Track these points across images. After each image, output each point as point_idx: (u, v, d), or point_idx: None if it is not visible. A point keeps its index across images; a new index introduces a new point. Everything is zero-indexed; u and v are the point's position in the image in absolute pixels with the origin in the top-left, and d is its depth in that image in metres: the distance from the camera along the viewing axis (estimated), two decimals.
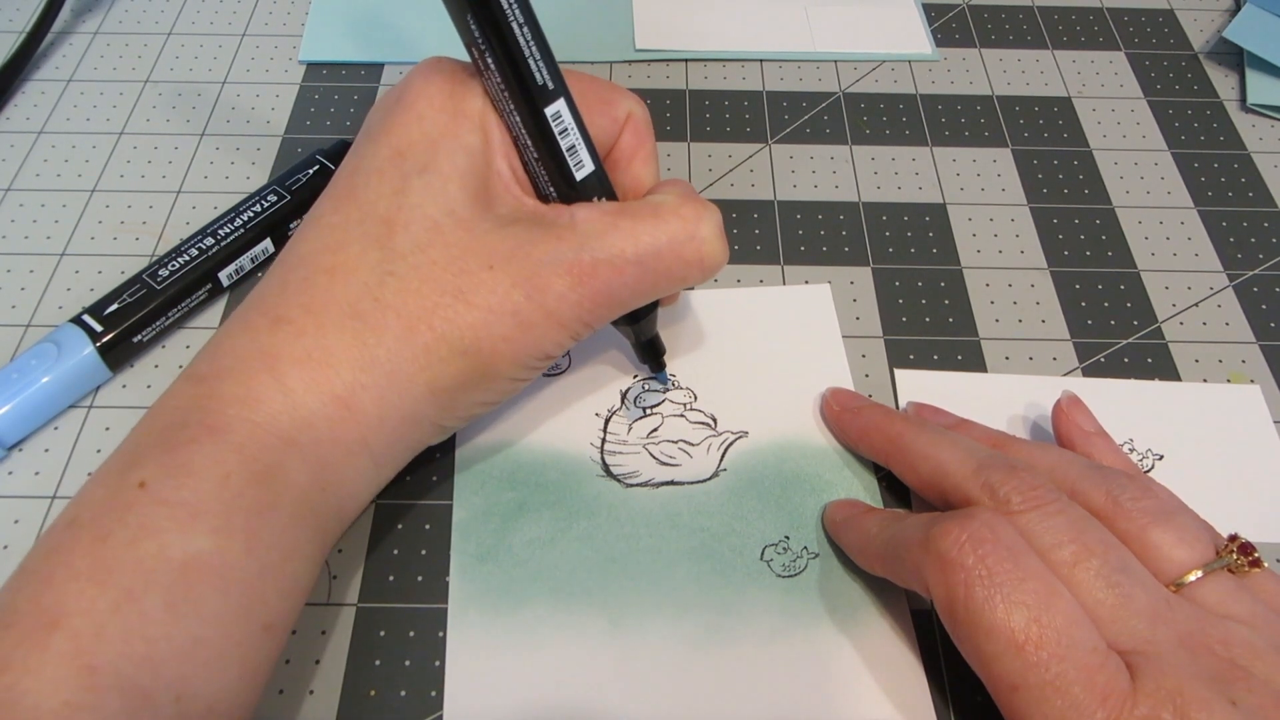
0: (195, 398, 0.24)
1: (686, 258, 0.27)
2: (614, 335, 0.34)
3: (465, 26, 0.25)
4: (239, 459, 0.23)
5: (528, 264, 0.26)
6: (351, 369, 0.25)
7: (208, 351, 0.26)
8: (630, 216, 0.27)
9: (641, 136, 0.30)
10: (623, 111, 0.29)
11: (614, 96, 0.29)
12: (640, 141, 0.30)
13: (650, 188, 0.30)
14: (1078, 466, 0.28)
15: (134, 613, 0.21)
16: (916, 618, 0.29)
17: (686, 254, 0.27)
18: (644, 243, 0.27)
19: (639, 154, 0.30)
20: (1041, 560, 0.24)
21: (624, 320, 0.31)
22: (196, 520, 0.22)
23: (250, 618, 0.23)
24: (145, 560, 0.21)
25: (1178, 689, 0.22)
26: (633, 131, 0.30)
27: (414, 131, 0.27)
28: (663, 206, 0.27)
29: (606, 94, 0.29)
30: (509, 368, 0.27)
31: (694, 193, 0.29)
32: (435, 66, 0.28)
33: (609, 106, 0.29)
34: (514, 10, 0.25)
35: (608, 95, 0.29)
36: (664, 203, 0.28)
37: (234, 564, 0.22)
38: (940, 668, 0.29)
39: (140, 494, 0.22)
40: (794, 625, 0.29)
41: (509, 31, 0.25)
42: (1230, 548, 0.26)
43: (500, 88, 0.26)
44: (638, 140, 0.30)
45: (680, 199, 0.28)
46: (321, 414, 0.25)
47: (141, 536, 0.22)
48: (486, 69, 0.26)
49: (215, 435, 0.23)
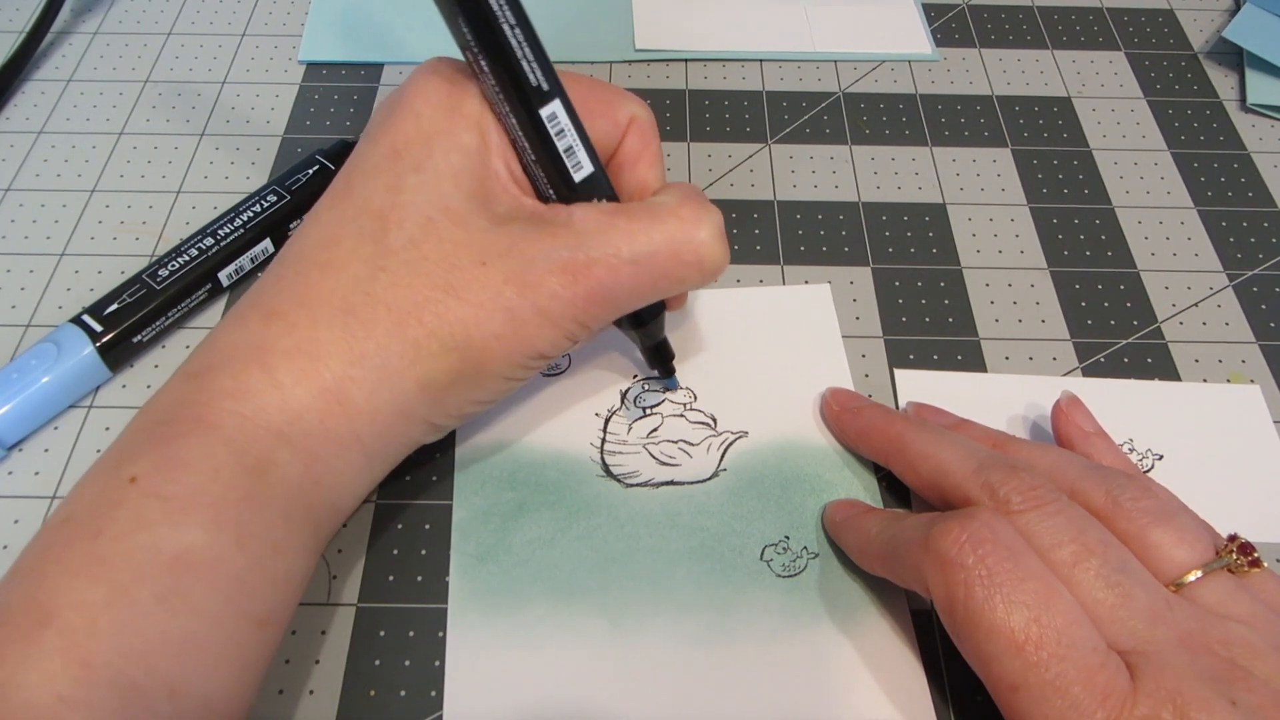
0: (187, 392, 0.25)
1: (684, 259, 0.27)
2: (613, 334, 0.34)
3: (458, 29, 0.25)
4: (229, 452, 0.23)
5: (521, 261, 0.26)
6: (341, 362, 0.25)
7: (203, 347, 0.26)
8: (628, 217, 0.27)
9: (646, 139, 0.30)
10: (625, 115, 0.29)
11: (616, 99, 0.29)
12: (644, 145, 0.30)
13: (655, 192, 0.30)
14: (1077, 466, 0.28)
15: (126, 607, 0.21)
16: (916, 618, 0.29)
17: (684, 256, 0.27)
18: (640, 243, 0.27)
19: (643, 157, 0.30)
20: (1041, 560, 0.24)
21: (630, 324, 0.31)
22: (188, 514, 0.22)
23: (243, 612, 0.23)
24: (137, 554, 0.21)
25: (1177, 689, 0.22)
26: (637, 134, 0.30)
27: (410, 130, 0.27)
28: (662, 208, 0.27)
29: (608, 97, 0.29)
30: (501, 366, 0.27)
31: (698, 195, 0.28)
32: (434, 67, 0.28)
33: (610, 109, 0.29)
34: (505, 12, 0.25)
35: (609, 98, 0.29)
36: (663, 204, 0.27)
37: (226, 557, 0.22)
38: (940, 668, 0.29)
39: (132, 489, 0.22)
40: (794, 625, 0.29)
41: (501, 34, 0.25)
42: (1230, 548, 0.26)
43: (495, 89, 0.26)
44: (642, 143, 0.30)
45: (680, 200, 0.28)
46: (312, 407, 0.25)
47: (133, 530, 0.22)
48: (481, 71, 0.26)
49: (206, 429, 0.23)
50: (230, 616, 0.22)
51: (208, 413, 0.24)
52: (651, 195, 0.29)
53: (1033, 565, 0.24)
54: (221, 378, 0.24)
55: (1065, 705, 0.22)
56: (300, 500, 0.25)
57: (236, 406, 0.24)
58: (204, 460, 0.23)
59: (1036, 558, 0.24)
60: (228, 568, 0.22)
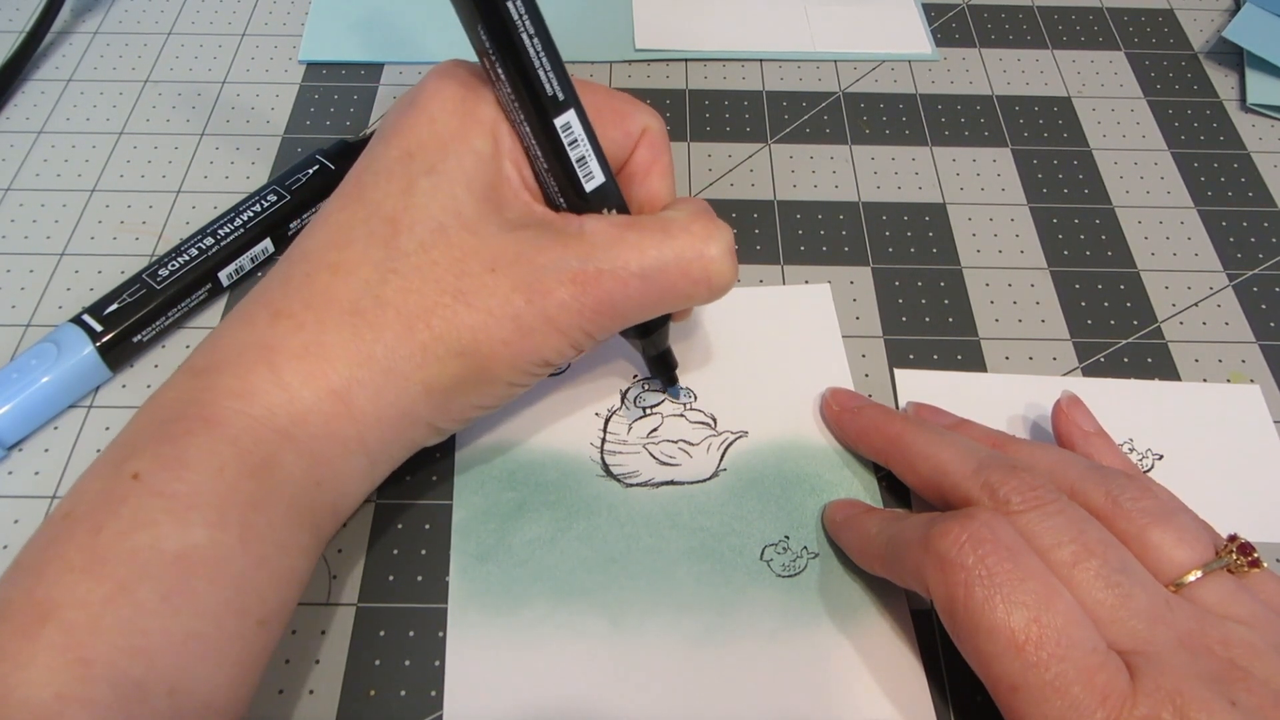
0: (192, 390, 0.24)
1: (693, 276, 0.27)
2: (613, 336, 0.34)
3: (476, 35, 0.25)
4: (234, 451, 0.23)
5: (531, 269, 0.26)
6: (348, 364, 0.25)
7: (207, 344, 0.26)
8: (639, 230, 0.27)
9: (657, 151, 0.30)
10: (638, 125, 0.29)
11: (629, 110, 0.29)
12: (655, 156, 0.30)
13: (665, 204, 0.30)
14: (1078, 467, 0.28)
15: (127, 605, 0.21)
16: (916, 618, 0.29)
17: (693, 272, 0.27)
18: (650, 257, 0.27)
19: (654, 169, 0.30)
20: (1041, 560, 0.24)
21: (634, 333, 0.31)
22: (191, 512, 0.22)
23: (245, 612, 0.23)
24: (139, 552, 0.21)
25: (1177, 689, 0.22)
26: (648, 146, 0.30)
27: (424, 133, 0.27)
28: (673, 223, 0.27)
29: (621, 107, 0.29)
30: (506, 371, 0.27)
31: (708, 211, 0.28)
32: (450, 71, 0.28)
33: (623, 119, 0.29)
34: (524, 21, 0.24)
35: (622, 109, 0.29)
36: (675, 219, 0.27)
37: (228, 557, 0.22)
38: (940, 668, 0.29)
39: (135, 486, 0.22)
40: (794, 625, 0.29)
41: (519, 42, 0.25)
42: (1230, 548, 0.26)
43: (510, 97, 0.26)
44: (653, 155, 0.30)
45: (692, 216, 0.28)
46: (317, 409, 0.25)
47: (135, 528, 0.22)
48: (497, 78, 0.26)
49: (211, 428, 0.23)
50: (232, 616, 0.22)
51: (213, 411, 0.24)
52: (662, 208, 0.29)
53: (1032, 565, 0.24)
54: (227, 376, 0.24)
55: (1065, 705, 0.22)
56: (303, 501, 0.25)
57: (242, 406, 0.24)
58: (208, 459, 0.23)
59: (1036, 558, 0.24)
60: (230, 567, 0.22)
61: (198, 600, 0.22)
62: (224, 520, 0.22)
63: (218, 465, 0.23)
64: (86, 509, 0.22)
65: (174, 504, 0.22)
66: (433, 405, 0.26)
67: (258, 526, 0.23)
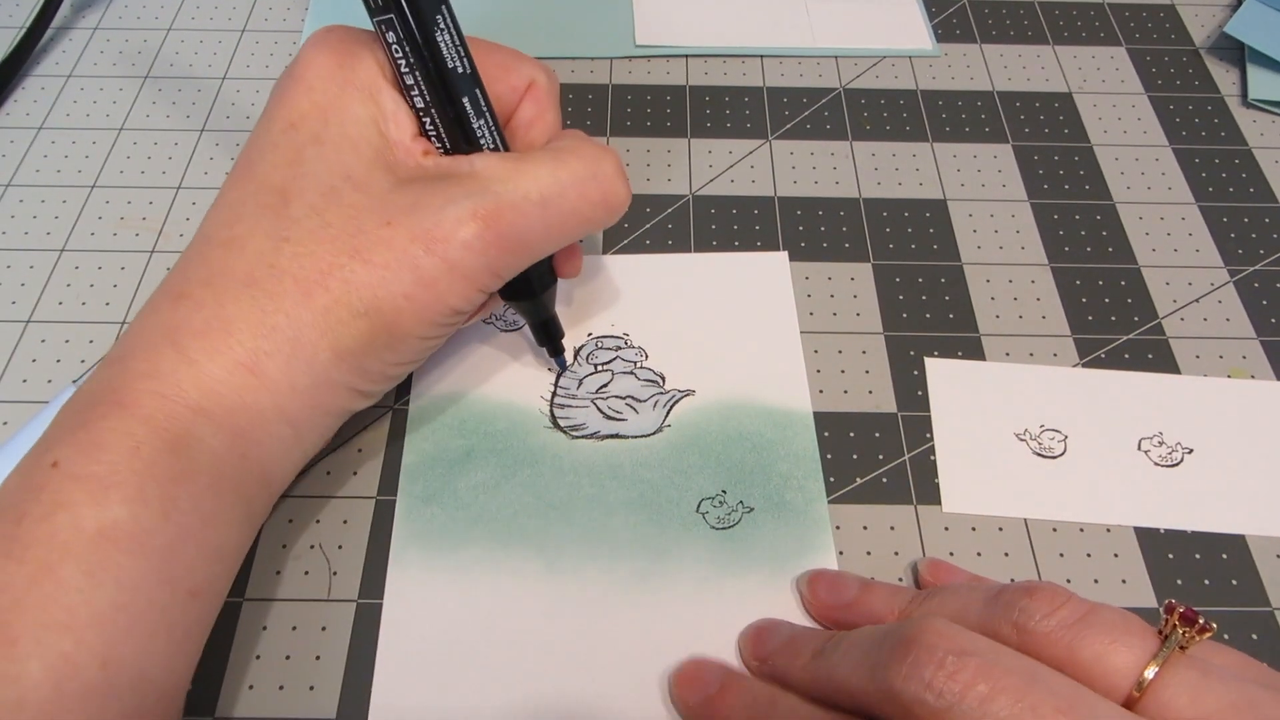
0: (105, 379, 0.25)
1: (590, 196, 0.28)
2: (566, 286, 0.35)
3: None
4: (148, 430, 0.24)
5: (428, 215, 0.26)
6: (252, 336, 0.25)
7: (120, 337, 0.26)
8: (531, 160, 0.27)
9: (542, 106, 0.30)
10: (523, 79, 0.30)
11: (514, 64, 0.30)
12: (540, 111, 0.30)
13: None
14: (975, 605, 0.24)
15: (50, 583, 0.21)
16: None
17: (590, 192, 0.28)
18: (546, 183, 0.27)
19: (537, 124, 0.30)
20: None
21: (522, 296, 0.31)
22: (109, 491, 0.22)
23: (174, 583, 0.23)
24: (59, 533, 0.22)
25: None
26: (533, 100, 0.30)
27: (304, 104, 0.27)
28: (562, 149, 0.28)
29: (507, 61, 0.29)
30: (414, 325, 0.27)
31: (592, 139, 0.29)
32: (323, 39, 0.28)
33: (507, 73, 0.29)
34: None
35: (508, 62, 0.29)
36: (562, 146, 0.28)
37: (151, 530, 0.23)
38: None
39: (53, 473, 0.23)
40: (724, 574, 0.30)
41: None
42: (1171, 623, 0.22)
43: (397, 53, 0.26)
44: (537, 109, 0.30)
45: (578, 142, 0.28)
46: (228, 382, 0.25)
47: (54, 511, 0.22)
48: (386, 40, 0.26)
49: (124, 409, 0.24)
50: (160, 587, 0.23)
51: (125, 395, 0.24)
52: None
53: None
54: (137, 361, 0.25)
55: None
56: (228, 473, 0.25)
57: (153, 386, 0.24)
58: (123, 439, 0.23)
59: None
60: (154, 539, 0.23)
61: (122, 573, 0.22)
62: (144, 496, 0.23)
63: (133, 444, 0.23)
64: (8, 500, 0.23)
65: (91, 484, 0.22)
66: (347, 369, 0.26)
67: (180, 500, 0.23)
